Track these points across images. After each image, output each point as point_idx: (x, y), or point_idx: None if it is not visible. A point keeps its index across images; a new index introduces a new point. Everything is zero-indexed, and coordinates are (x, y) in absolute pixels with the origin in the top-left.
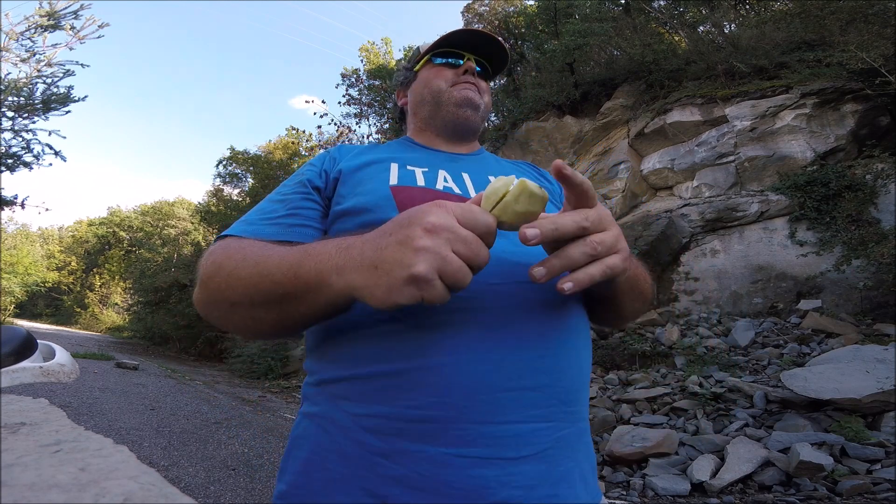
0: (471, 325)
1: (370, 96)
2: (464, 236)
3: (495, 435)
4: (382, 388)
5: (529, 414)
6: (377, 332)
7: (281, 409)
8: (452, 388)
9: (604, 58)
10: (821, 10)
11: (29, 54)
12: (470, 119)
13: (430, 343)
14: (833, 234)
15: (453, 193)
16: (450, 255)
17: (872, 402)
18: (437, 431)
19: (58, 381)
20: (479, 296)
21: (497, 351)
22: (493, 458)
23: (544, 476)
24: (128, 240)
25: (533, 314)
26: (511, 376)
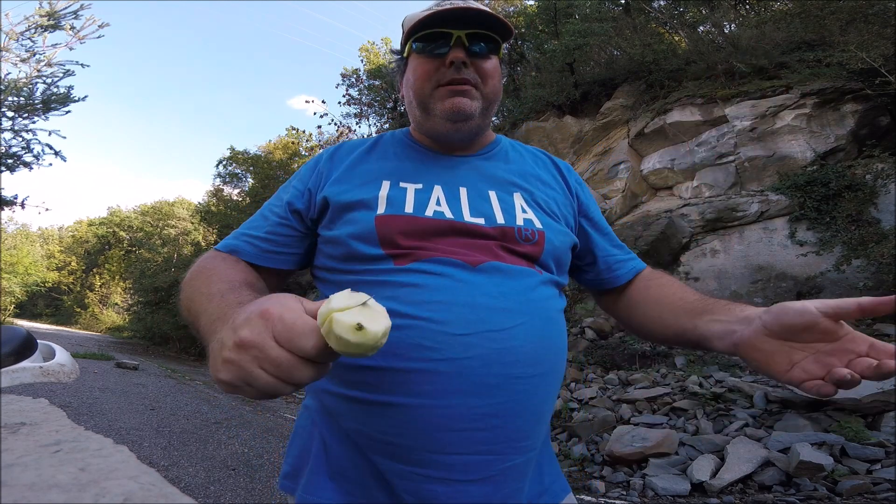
0: (434, 374)
1: (370, 96)
2: (273, 357)
3: (447, 462)
4: (360, 412)
5: (478, 448)
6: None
7: (281, 409)
8: (412, 424)
9: (604, 58)
10: (821, 10)
11: (29, 54)
12: (462, 131)
13: (398, 385)
14: (833, 234)
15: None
16: (255, 371)
17: (872, 402)
18: (399, 453)
19: (58, 381)
20: (446, 347)
21: (453, 397)
22: (444, 479)
23: (489, 495)
24: (128, 240)
25: (496, 366)
26: (462, 419)
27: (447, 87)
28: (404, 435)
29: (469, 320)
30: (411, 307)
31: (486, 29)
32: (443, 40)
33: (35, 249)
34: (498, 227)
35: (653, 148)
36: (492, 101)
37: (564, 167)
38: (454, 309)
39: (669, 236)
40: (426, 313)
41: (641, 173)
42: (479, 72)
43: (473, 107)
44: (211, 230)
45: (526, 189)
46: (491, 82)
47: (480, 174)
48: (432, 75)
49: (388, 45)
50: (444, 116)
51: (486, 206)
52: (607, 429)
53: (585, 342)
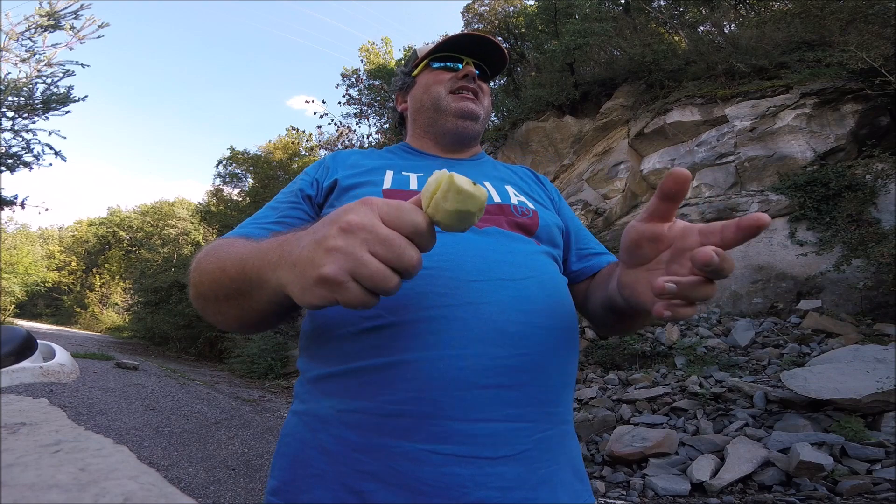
0: (451, 320)
1: (370, 96)
2: (384, 236)
3: (471, 433)
4: (365, 384)
5: (506, 413)
6: (362, 329)
7: (281, 409)
8: (428, 383)
9: (604, 58)
10: (821, 10)
11: (29, 54)
12: (469, 130)
13: (409, 339)
14: (833, 234)
15: None
16: (365, 256)
17: (872, 402)
18: (413, 427)
19: (58, 381)
20: (459, 292)
21: (474, 347)
22: (468, 457)
23: (523, 479)
24: (128, 240)
25: (514, 313)
26: (487, 373)
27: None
28: (419, 399)
29: (480, 268)
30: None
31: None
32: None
33: (35, 249)
34: (496, 204)
35: (653, 148)
36: (485, 116)
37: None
38: (465, 258)
39: None
40: (436, 263)
41: (641, 173)
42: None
43: (478, 110)
44: (211, 230)
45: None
46: (486, 100)
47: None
48: (447, 82)
49: (388, 44)
50: (455, 114)
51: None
52: (607, 429)
53: (585, 342)
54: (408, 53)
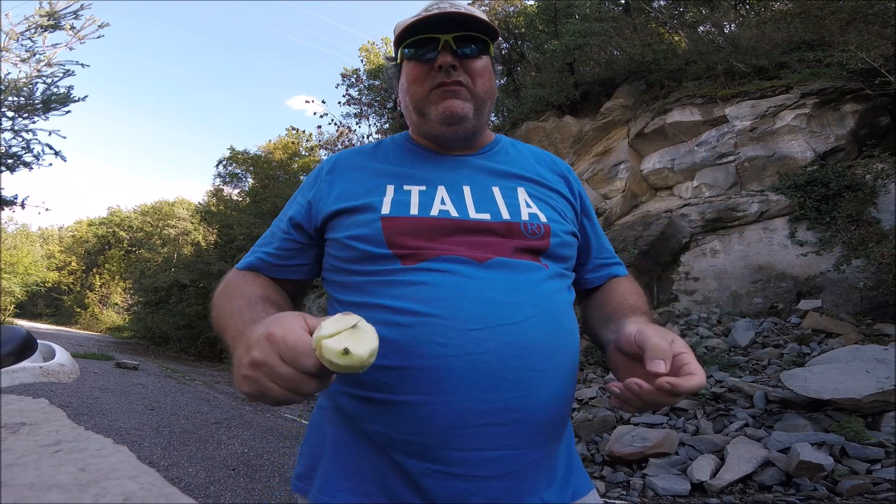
0: (449, 370)
1: (370, 96)
2: (281, 375)
3: (467, 459)
4: (378, 412)
5: (499, 444)
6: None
7: (281, 409)
8: (429, 422)
9: (604, 58)
10: (821, 10)
11: (29, 54)
12: (457, 133)
13: (413, 383)
14: (833, 234)
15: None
16: (269, 385)
17: (872, 402)
18: (419, 451)
19: (58, 381)
20: (457, 343)
21: (470, 392)
22: (466, 476)
23: (511, 491)
24: (128, 240)
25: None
26: (481, 416)
27: (439, 90)
28: (423, 433)
29: (480, 315)
30: (421, 304)
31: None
32: (431, 45)
33: (35, 249)
34: (503, 222)
35: (653, 148)
36: (484, 100)
37: (565, 166)
38: (465, 304)
39: (669, 236)
40: (436, 310)
41: (641, 173)
42: (469, 73)
43: (466, 108)
44: (211, 230)
45: (529, 183)
46: (481, 82)
47: (483, 172)
48: (424, 80)
49: (388, 44)
50: (438, 120)
51: (490, 202)
52: (607, 429)
53: (585, 342)
54: None
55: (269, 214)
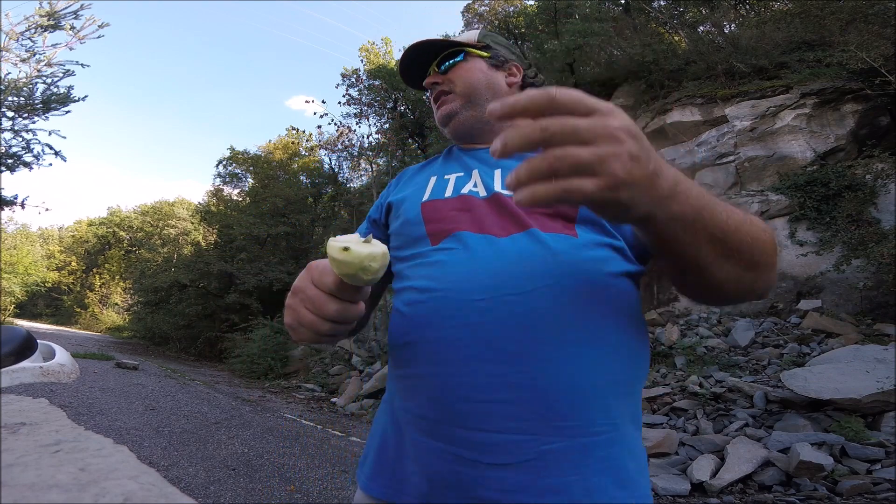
0: (451, 341)
1: (370, 96)
2: (310, 296)
3: (473, 440)
4: (406, 388)
5: (506, 425)
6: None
7: (281, 409)
8: (438, 394)
9: (604, 58)
10: (821, 10)
11: (29, 54)
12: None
13: (424, 355)
14: (833, 234)
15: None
16: (301, 310)
17: (872, 402)
18: (432, 428)
19: (58, 381)
20: (462, 313)
21: (471, 365)
22: (471, 460)
23: (525, 485)
24: (128, 240)
25: (515, 329)
26: (483, 389)
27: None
28: (431, 407)
29: (487, 286)
30: (438, 281)
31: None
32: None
33: (35, 249)
34: None
35: (653, 148)
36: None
37: None
38: (476, 277)
39: None
40: (448, 285)
41: None
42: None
43: (453, 107)
44: (211, 230)
45: None
46: (460, 81)
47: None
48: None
49: (388, 44)
50: (439, 125)
51: None
52: None
53: None
54: None
55: (269, 214)
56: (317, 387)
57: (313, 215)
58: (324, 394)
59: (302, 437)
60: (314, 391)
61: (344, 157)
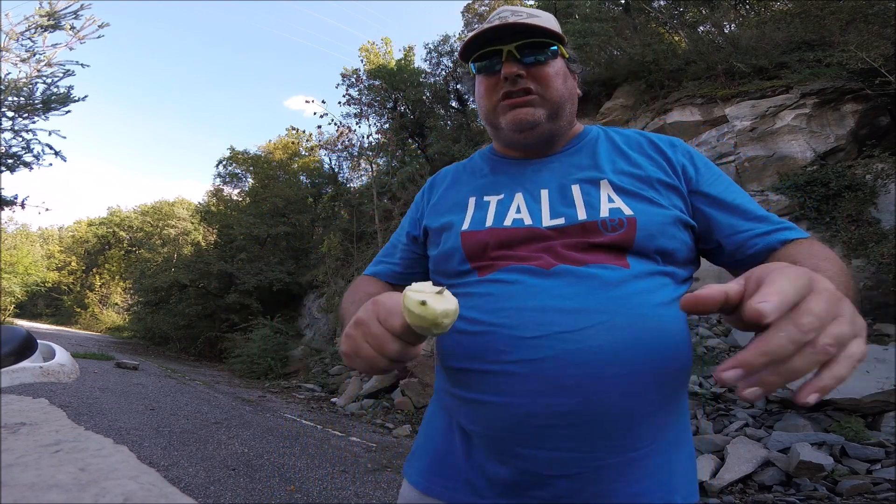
0: (509, 375)
1: (370, 96)
2: (373, 333)
3: (532, 456)
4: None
5: (561, 445)
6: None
7: (281, 409)
8: (495, 419)
9: (604, 58)
10: (821, 10)
11: (29, 54)
12: (530, 138)
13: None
14: (833, 234)
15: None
16: (362, 343)
17: (872, 402)
18: (492, 445)
19: (58, 381)
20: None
21: (530, 396)
22: (529, 472)
23: (577, 490)
24: (128, 240)
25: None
26: (541, 417)
27: (506, 101)
28: (493, 429)
29: (539, 323)
30: (487, 315)
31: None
32: (496, 56)
33: (35, 249)
34: (579, 223)
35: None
36: (559, 103)
37: (666, 143)
38: (525, 314)
39: None
40: (499, 320)
41: None
42: (537, 80)
43: (537, 115)
44: (211, 230)
45: (617, 175)
46: (552, 86)
47: (565, 171)
48: (492, 93)
49: (388, 44)
50: (510, 129)
51: (569, 203)
52: None
53: None
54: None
55: (269, 214)
56: (317, 387)
57: (313, 215)
58: (324, 394)
59: (302, 437)
60: (314, 391)
61: (344, 157)
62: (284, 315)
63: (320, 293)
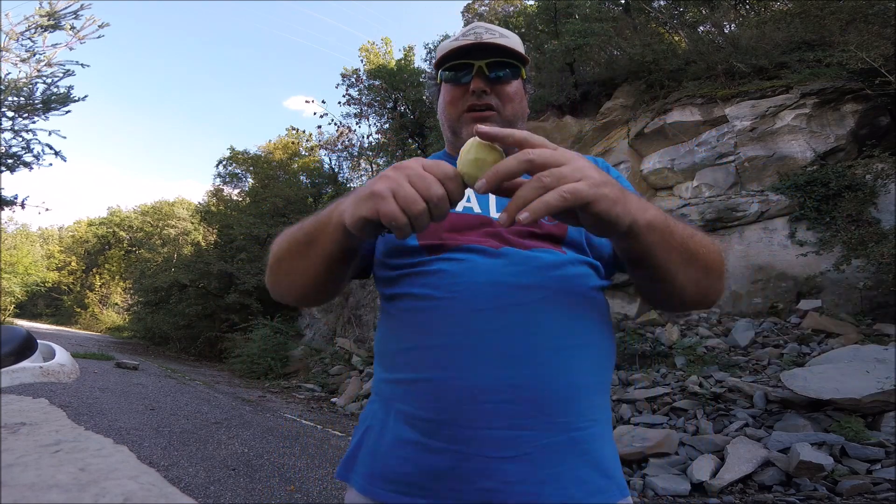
0: (460, 347)
1: (370, 96)
2: (420, 173)
3: (478, 438)
4: (406, 392)
5: (509, 422)
6: (402, 348)
7: (281, 409)
8: (445, 398)
9: (604, 58)
10: (821, 10)
11: (29, 54)
12: None
13: (430, 361)
14: (833, 234)
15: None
16: (404, 182)
17: (872, 402)
18: (435, 429)
19: (58, 381)
20: (468, 322)
21: (480, 369)
22: (477, 455)
23: (526, 475)
24: (128, 240)
25: (518, 337)
26: (490, 391)
27: (470, 114)
28: (438, 410)
29: (490, 296)
30: (439, 291)
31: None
32: (466, 70)
33: (35, 249)
34: None
35: (653, 148)
36: (512, 122)
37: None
38: (477, 287)
39: None
40: (451, 294)
41: (641, 173)
42: (499, 96)
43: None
44: (211, 230)
45: None
46: (510, 105)
47: None
48: (458, 102)
49: (388, 44)
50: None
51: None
52: None
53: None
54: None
55: (269, 214)
56: (317, 387)
57: None
58: (324, 394)
59: (302, 437)
60: (314, 391)
61: (344, 157)
62: (284, 315)
63: None
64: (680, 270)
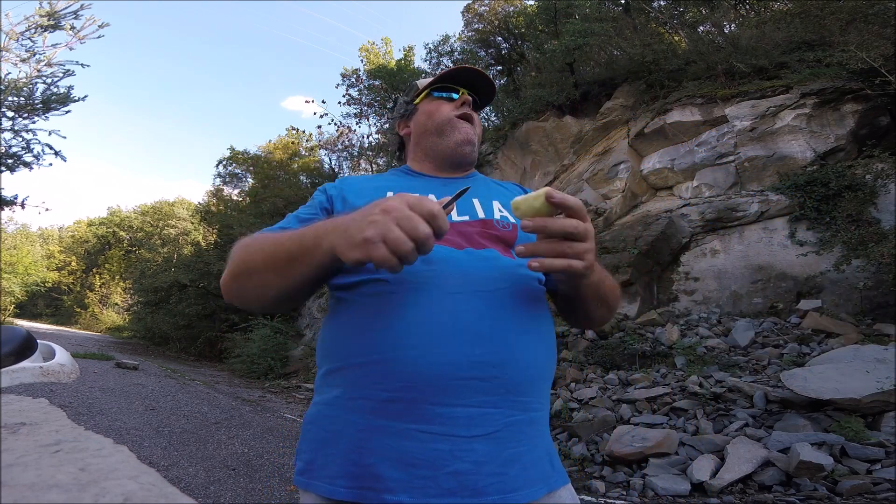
0: (435, 324)
1: (370, 96)
2: (406, 215)
3: (449, 416)
4: (367, 374)
5: (479, 400)
6: (364, 331)
7: (281, 409)
8: (415, 375)
9: (604, 58)
10: (821, 10)
11: (29, 54)
12: (468, 155)
13: (400, 339)
14: (833, 234)
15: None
16: (393, 227)
17: (872, 402)
18: (404, 410)
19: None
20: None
21: (451, 345)
22: (447, 435)
23: (493, 455)
24: (128, 240)
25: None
26: (462, 367)
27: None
28: (410, 388)
29: (461, 282)
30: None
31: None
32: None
33: (35, 249)
34: (479, 220)
35: (653, 148)
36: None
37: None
38: (448, 275)
39: (669, 236)
40: (426, 278)
41: (641, 173)
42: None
43: (474, 137)
44: (211, 230)
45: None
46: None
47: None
48: (448, 110)
49: (388, 44)
50: (457, 142)
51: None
52: (607, 429)
53: (585, 342)
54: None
55: (269, 214)
56: None
57: None
58: None
59: None
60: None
61: (344, 157)
62: (284, 315)
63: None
64: (595, 307)
